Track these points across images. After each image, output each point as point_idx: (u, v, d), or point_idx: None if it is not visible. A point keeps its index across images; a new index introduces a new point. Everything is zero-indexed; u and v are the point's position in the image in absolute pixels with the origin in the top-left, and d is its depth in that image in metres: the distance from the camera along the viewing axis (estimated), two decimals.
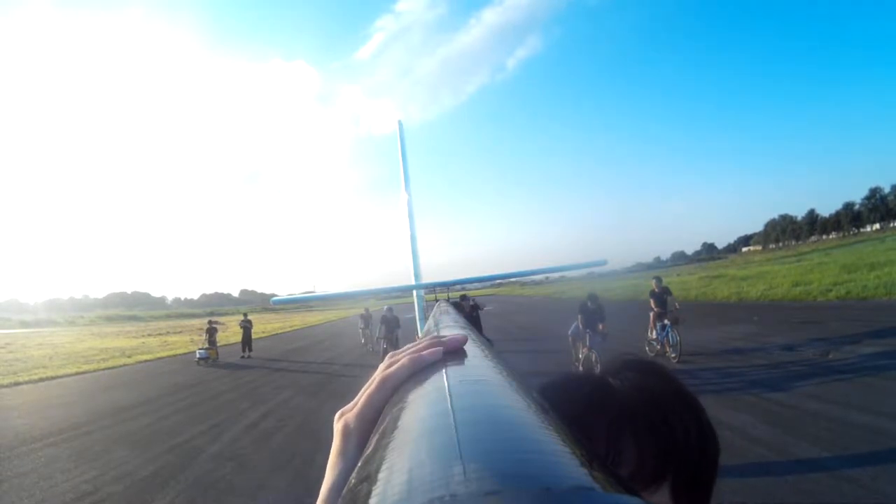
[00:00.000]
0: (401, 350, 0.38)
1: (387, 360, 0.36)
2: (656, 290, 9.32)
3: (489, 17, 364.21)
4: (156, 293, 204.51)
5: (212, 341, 15.15)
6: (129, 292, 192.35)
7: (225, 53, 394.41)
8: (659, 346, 8.94)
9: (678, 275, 46.49)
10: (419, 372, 0.33)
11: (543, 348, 11.59)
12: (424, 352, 0.35)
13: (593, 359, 7.64)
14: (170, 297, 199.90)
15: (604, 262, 3.83)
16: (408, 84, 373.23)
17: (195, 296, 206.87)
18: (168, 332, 32.54)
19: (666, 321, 8.72)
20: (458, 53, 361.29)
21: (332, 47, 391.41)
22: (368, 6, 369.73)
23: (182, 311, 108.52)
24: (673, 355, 8.42)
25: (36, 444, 6.47)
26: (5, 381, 12.72)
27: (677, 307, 8.88)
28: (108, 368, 15.50)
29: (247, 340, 16.18)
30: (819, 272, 23.71)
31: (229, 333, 23.35)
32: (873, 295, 15.68)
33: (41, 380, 13.26)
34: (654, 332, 9.11)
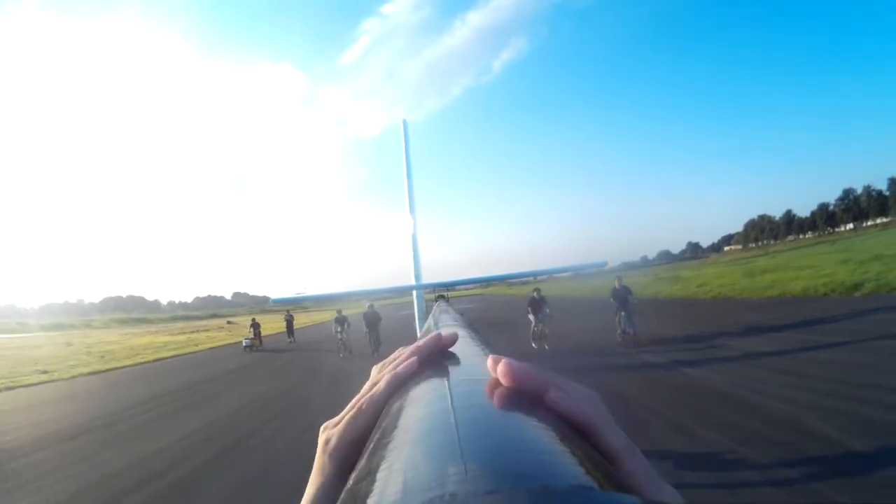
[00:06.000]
0: (388, 360, 0.40)
1: (373, 376, 0.38)
2: (617, 287, 10.34)
3: (475, 18, 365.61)
4: (149, 297, 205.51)
5: (257, 333, 19.98)
6: (123, 296, 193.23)
7: (212, 56, 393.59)
8: (623, 334, 10.24)
9: (645, 276, 50.08)
10: (418, 372, 0.35)
11: (514, 331, 15.34)
12: (399, 368, 0.35)
13: (543, 330, 11.04)
14: (164, 301, 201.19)
15: (604, 264, 3.92)
16: (394, 86, 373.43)
17: (189, 299, 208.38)
18: (194, 331, 36.49)
19: (623, 313, 10.10)
20: (445, 55, 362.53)
21: (318, 50, 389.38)
22: (353, 9, 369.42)
23: (177, 313, 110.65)
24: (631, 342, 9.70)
25: (188, 390, 10.85)
26: (114, 365, 17.14)
27: (635, 302, 10.30)
28: (188, 353, 20.19)
29: (290, 330, 21.04)
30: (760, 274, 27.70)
31: (248, 331, 27.42)
32: (749, 294, 18.31)
33: (139, 364, 17.66)
34: (620, 325, 10.38)
